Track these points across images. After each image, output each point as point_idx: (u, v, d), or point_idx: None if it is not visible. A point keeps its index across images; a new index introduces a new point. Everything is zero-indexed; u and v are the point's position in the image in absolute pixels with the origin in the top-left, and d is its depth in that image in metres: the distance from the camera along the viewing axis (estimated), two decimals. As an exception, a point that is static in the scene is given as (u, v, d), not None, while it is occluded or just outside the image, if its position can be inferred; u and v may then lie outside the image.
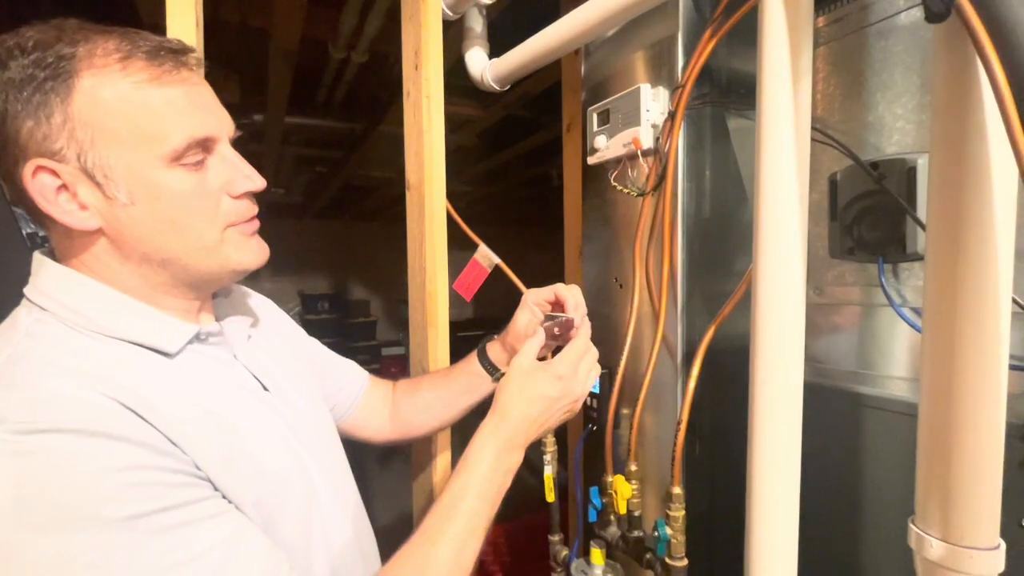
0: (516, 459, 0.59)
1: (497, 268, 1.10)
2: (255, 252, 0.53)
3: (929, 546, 0.49)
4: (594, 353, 0.66)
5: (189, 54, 0.49)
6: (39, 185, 0.43)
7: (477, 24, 1.18)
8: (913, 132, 0.64)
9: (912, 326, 0.62)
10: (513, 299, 1.09)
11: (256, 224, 0.54)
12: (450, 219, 1.02)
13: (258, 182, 0.52)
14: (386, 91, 2.28)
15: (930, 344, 0.49)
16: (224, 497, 0.46)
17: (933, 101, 0.47)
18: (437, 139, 0.98)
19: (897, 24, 0.65)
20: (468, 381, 0.80)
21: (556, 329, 0.69)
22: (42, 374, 0.41)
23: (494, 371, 0.79)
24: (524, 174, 3.64)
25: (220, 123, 0.50)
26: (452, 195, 1.02)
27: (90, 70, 0.43)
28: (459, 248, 1.02)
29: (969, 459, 0.47)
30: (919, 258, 0.61)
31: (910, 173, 0.60)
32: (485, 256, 1.09)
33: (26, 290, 0.48)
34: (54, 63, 0.43)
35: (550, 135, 2.65)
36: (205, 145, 0.48)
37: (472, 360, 0.81)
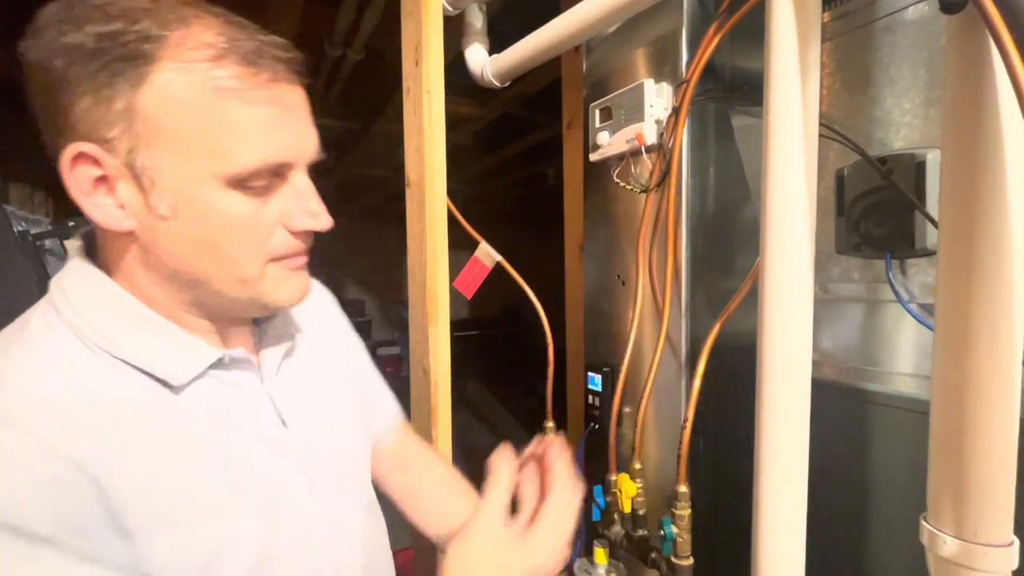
0: None
1: (498, 266, 1.09)
2: (295, 291, 0.46)
3: (942, 543, 0.48)
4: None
5: (292, 61, 0.42)
6: (78, 172, 0.38)
7: (477, 20, 1.17)
8: (921, 127, 0.64)
9: (921, 322, 0.62)
10: (513, 298, 1.08)
11: (303, 259, 0.47)
12: (448, 217, 1.01)
13: (323, 222, 0.45)
14: (382, 89, 2.27)
15: (943, 340, 0.48)
16: None
17: (946, 94, 0.46)
18: (438, 136, 0.97)
19: (904, 19, 0.65)
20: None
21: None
22: (6, 415, 0.36)
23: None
24: (520, 173, 3.64)
25: (302, 148, 0.43)
26: (448, 194, 1.01)
27: (173, 61, 0.37)
28: (455, 247, 1.01)
29: (982, 455, 0.46)
30: (928, 254, 0.61)
31: (919, 168, 0.60)
32: (486, 254, 1.08)
33: (52, 281, 0.44)
34: (135, 41, 0.36)
35: (547, 134, 2.65)
36: (278, 171, 0.42)
37: None
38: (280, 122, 0.41)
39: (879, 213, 0.65)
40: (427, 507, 0.69)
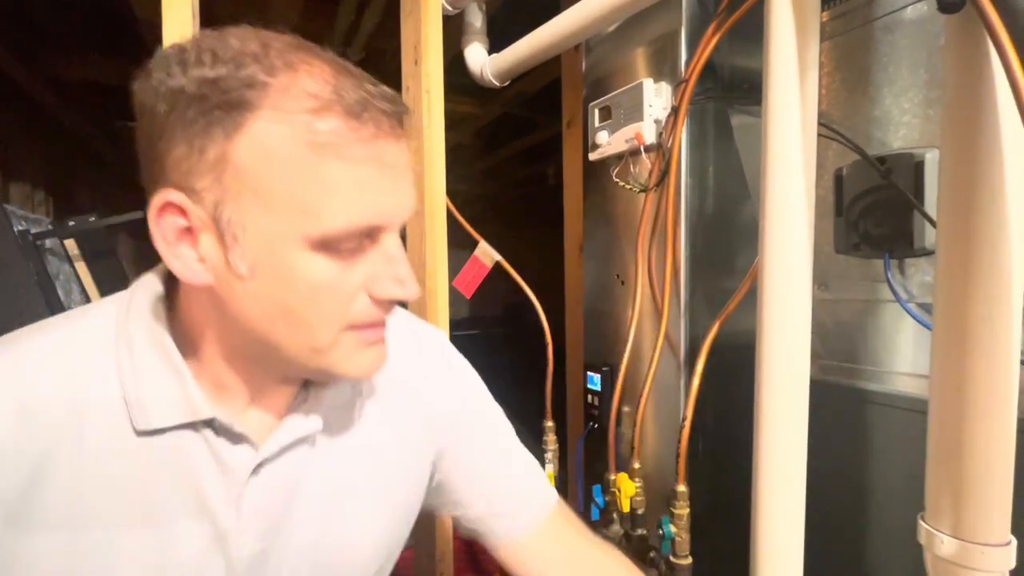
0: None
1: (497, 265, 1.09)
2: (367, 365, 0.42)
3: (940, 542, 0.48)
4: None
5: (398, 115, 0.39)
6: (165, 221, 0.36)
7: (476, 19, 1.17)
8: (920, 126, 0.64)
9: (919, 322, 0.62)
10: (512, 298, 1.09)
11: (383, 331, 0.42)
12: (448, 216, 1.01)
13: (410, 291, 0.40)
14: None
15: (941, 340, 0.48)
16: None
17: (945, 94, 0.46)
18: (437, 135, 0.97)
19: (903, 19, 0.65)
20: None
21: None
22: (17, 373, 0.38)
23: None
24: (520, 172, 3.64)
25: (397, 210, 0.39)
26: (448, 193, 1.01)
27: (273, 111, 0.35)
28: (454, 246, 1.01)
29: (980, 455, 0.46)
30: (926, 253, 0.61)
31: (918, 168, 0.60)
32: (486, 253, 1.08)
33: (133, 285, 0.43)
34: (237, 89, 0.34)
35: (547, 133, 2.65)
36: (369, 233, 0.39)
37: None
38: (378, 181, 0.37)
39: (878, 213, 0.65)
40: None
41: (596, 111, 0.97)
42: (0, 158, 2.46)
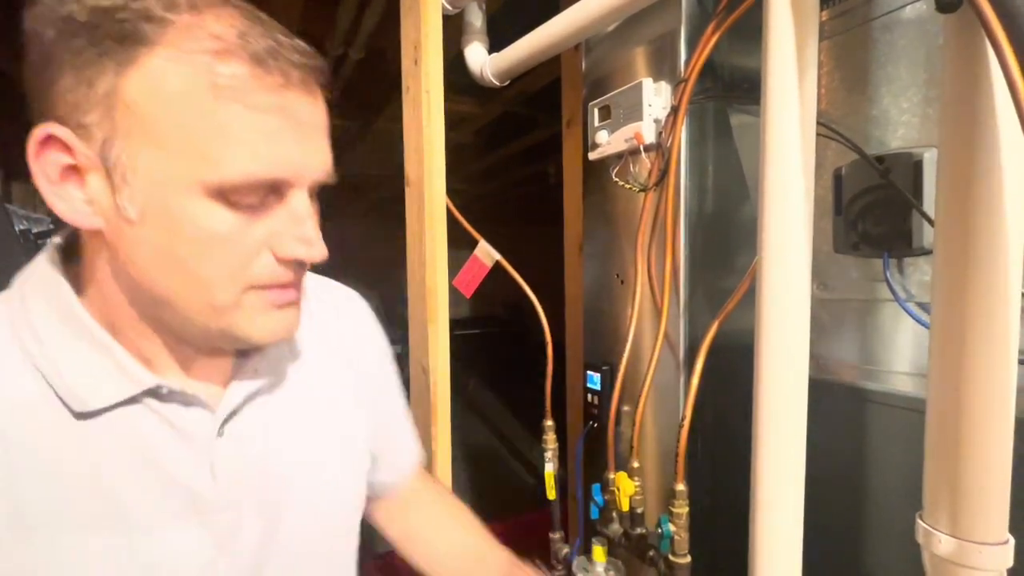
0: None
1: (497, 264, 1.09)
2: (273, 327, 0.40)
3: (937, 542, 0.48)
4: None
5: (311, 69, 0.37)
6: (46, 157, 0.34)
7: (476, 19, 1.17)
8: (918, 126, 0.64)
9: (918, 321, 0.62)
10: (512, 297, 1.09)
11: (291, 295, 0.41)
12: (448, 216, 1.01)
13: (316, 252, 0.39)
14: (383, 87, 2.27)
15: (939, 339, 0.48)
16: None
17: (943, 94, 0.46)
18: (437, 134, 0.97)
19: (902, 18, 0.65)
20: None
21: None
22: None
23: None
24: (521, 172, 3.64)
25: (307, 166, 0.38)
26: (448, 193, 1.01)
27: (171, 48, 0.33)
28: (454, 246, 1.01)
29: (978, 454, 0.46)
30: (925, 252, 0.61)
31: (916, 167, 0.60)
32: (485, 252, 1.08)
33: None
34: (132, 20, 0.32)
35: (547, 132, 2.65)
36: (275, 188, 0.37)
37: None
38: (284, 133, 0.36)
39: (877, 212, 0.65)
40: (426, 561, 0.64)
41: (596, 110, 0.97)
42: (1, 158, 2.47)
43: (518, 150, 3.00)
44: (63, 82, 0.33)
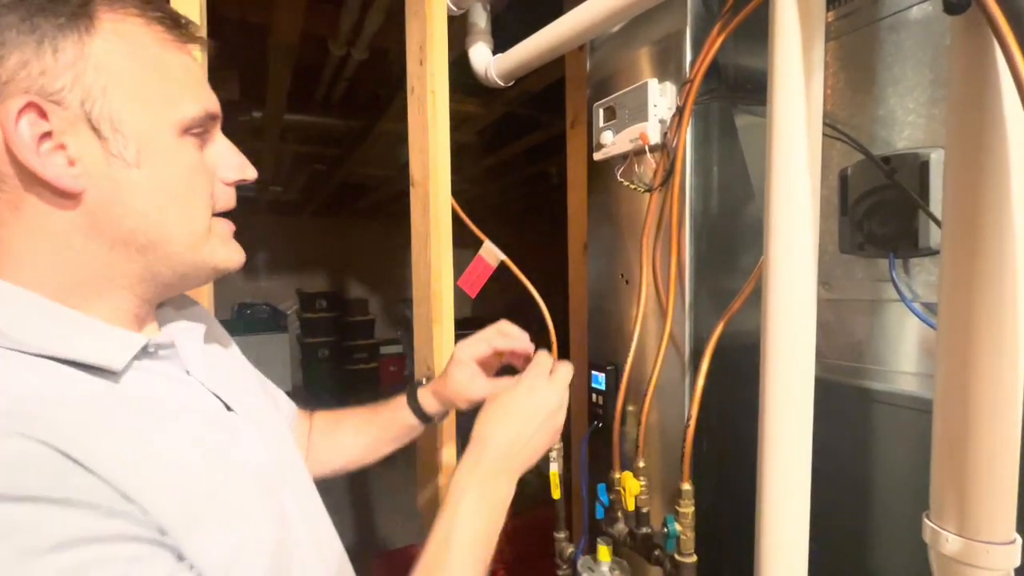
0: (505, 489, 0.55)
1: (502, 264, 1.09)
2: (233, 255, 0.47)
3: (945, 541, 0.48)
4: (563, 364, 0.64)
5: (196, 32, 0.45)
6: (25, 128, 0.35)
7: (481, 19, 1.18)
8: (924, 126, 0.64)
9: (924, 321, 0.62)
10: (516, 297, 1.09)
11: (233, 227, 0.48)
12: (452, 216, 1.02)
13: (250, 172, 0.47)
14: (386, 88, 2.28)
15: (946, 339, 0.48)
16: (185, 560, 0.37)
17: (950, 94, 0.47)
18: (442, 135, 0.98)
19: (908, 18, 0.65)
20: (395, 428, 0.75)
21: (520, 363, 0.73)
22: None
23: (426, 420, 0.75)
24: (524, 172, 3.64)
25: (217, 104, 0.45)
26: (452, 193, 1.02)
27: (111, 13, 0.38)
28: (458, 246, 1.02)
29: (985, 454, 0.46)
30: (931, 253, 0.61)
31: (923, 167, 0.60)
32: (490, 252, 1.08)
33: None
34: None
35: (550, 133, 2.65)
36: (207, 123, 0.44)
37: (400, 407, 0.75)
38: (202, 77, 0.44)
39: (883, 212, 0.65)
40: (343, 446, 0.76)
41: (601, 111, 0.97)
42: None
43: (521, 150, 3.00)
44: (17, 56, 0.36)
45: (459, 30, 1.20)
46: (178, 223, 0.42)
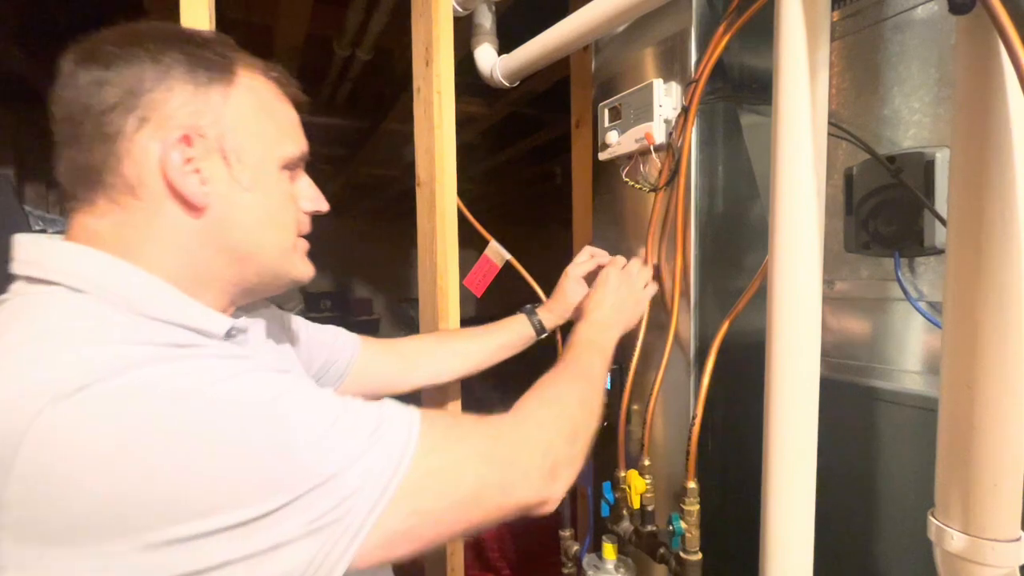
0: (613, 338, 0.78)
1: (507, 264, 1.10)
2: (307, 269, 0.57)
3: (950, 538, 0.49)
4: (637, 260, 0.89)
5: (298, 88, 0.56)
6: (178, 152, 0.45)
7: (486, 20, 1.18)
8: (930, 126, 0.64)
9: (930, 320, 0.62)
10: (517, 297, 1.09)
11: (308, 246, 0.58)
12: (458, 216, 1.02)
13: (323, 204, 0.58)
14: (391, 89, 2.28)
15: (951, 337, 0.49)
16: None
17: (955, 94, 0.47)
18: (448, 135, 0.98)
19: (914, 18, 0.65)
20: (514, 337, 0.92)
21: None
22: (109, 335, 0.38)
23: (542, 332, 0.94)
24: (527, 172, 3.64)
25: (307, 148, 0.56)
26: (457, 193, 1.02)
27: (246, 69, 0.50)
28: (462, 246, 1.02)
29: (990, 452, 0.47)
30: (936, 252, 0.61)
31: (928, 167, 0.60)
32: (496, 252, 1.09)
33: (32, 272, 0.43)
34: (220, 54, 0.48)
35: (555, 133, 2.65)
36: (297, 162, 0.55)
37: (520, 323, 0.92)
38: (299, 124, 0.55)
39: (888, 212, 0.65)
40: (461, 352, 0.91)
41: (606, 111, 0.97)
42: (14, 158, 2.50)
43: (525, 150, 3.00)
44: (181, 96, 0.45)
45: (464, 31, 1.20)
46: (271, 239, 0.51)
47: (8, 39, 1.75)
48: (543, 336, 0.95)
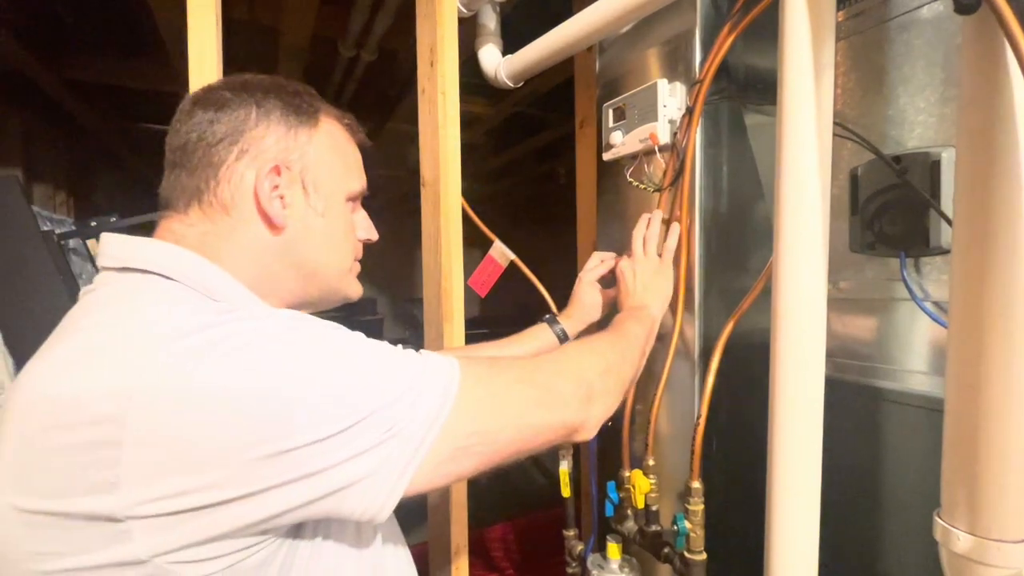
0: (650, 314, 0.82)
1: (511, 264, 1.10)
2: (359, 288, 0.64)
3: (956, 539, 0.49)
4: (637, 236, 0.90)
5: (364, 133, 0.64)
6: (269, 180, 0.52)
7: (491, 21, 1.18)
8: (935, 125, 0.64)
9: (935, 320, 0.62)
10: (521, 297, 1.09)
11: (359, 269, 0.65)
12: (463, 216, 1.02)
13: (374, 234, 0.65)
14: (395, 89, 2.29)
15: (957, 337, 0.49)
16: None
17: (961, 94, 0.47)
18: (452, 136, 0.98)
19: (919, 17, 0.65)
20: (539, 347, 0.92)
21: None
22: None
23: (565, 339, 0.94)
24: (531, 172, 3.65)
25: (366, 185, 0.64)
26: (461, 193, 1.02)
27: (327, 116, 0.58)
28: (466, 246, 1.03)
29: (996, 452, 0.47)
30: (942, 252, 0.61)
31: (934, 167, 0.60)
32: (500, 252, 1.09)
33: (127, 263, 0.49)
34: (309, 103, 0.56)
35: (558, 133, 2.65)
36: (359, 196, 0.62)
37: (543, 331, 0.94)
38: (362, 164, 0.63)
39: (893, 212, 0.65)
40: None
41: (610, 111, 0.97)
42: (23, 159, 2.52)
43: (530, 150, 3.01)
44: (277, 134, 0.54)
45: (469, 32, 1.20)
46: (334, 259, 0.58)
47: (16, 40, 1.76)
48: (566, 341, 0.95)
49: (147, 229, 0.70)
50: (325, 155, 0.56)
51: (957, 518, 0.49)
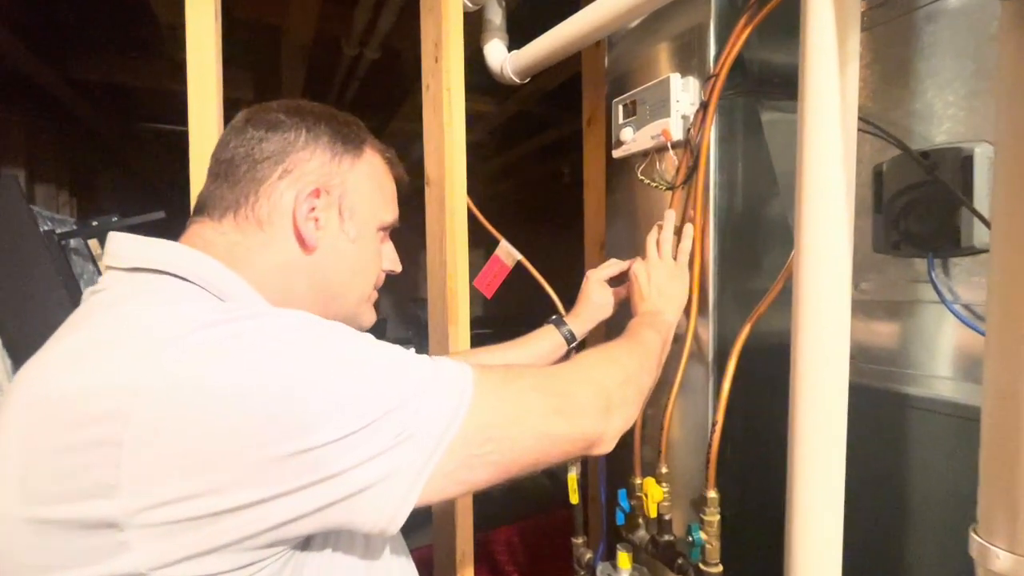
0: (665, 321, 0.80)
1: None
2: (373, 316, 0.64)
3: (995, 558, 0.46)
4: (651, 240, 0.88)
5: (402, 167, 0.65)
6: (308, 203, 0.53)
7: (496, 16, 1.16)
8: (965, 120, 0.61)
9: (967, 324, 0.59)
10: (525, 296, 1.07)
11: (377, 297, 0.65)
12: (467, 215, 1.00)
13: (398, 266, 0.66)
14: (398, 87, 2.27)
15: (995, 343, 0.46)
16: None
17: (1000, 85, 0.44)
18: (458, 133, 0.96)
19: (947, 7, 0.62)
20: (547, 349, 0.91)
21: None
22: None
23: (573, 340, 0.93)
24: (537, 170, 3.62)
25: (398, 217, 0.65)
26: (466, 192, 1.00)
27: (371, 148, 0.60)
28: (471, 245, 1.00)
29: (1038, 466, 0.44)
30: (974, 252, 0.58)
31: (965, 162, 0.57)
32: (507, 252, 1.07)
33: (137, 263, 0.48)
34: (356, 132, 0.59)
35: (564, 131, 2.63)
36: (391, 227, 0.63)
37: (550, 333, 0.92)
38: (396, 196, 0.63)
39: (920, 210, 0.62)
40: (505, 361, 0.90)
41: (620, 107, 0.95)
42: (25, 159, 2.51)
43: (536, 148, 2.98)
44: (322, 159, 0.55)
45: (473, 27, 1.18)
46: (357, 285, 0.60)
47: (18, 41, 1.75)
48: (574, 346, 0.93)
49: (148, 229, 0.70)
50: (364, 184, 0.58)
51: (996, 535, 0.46)
